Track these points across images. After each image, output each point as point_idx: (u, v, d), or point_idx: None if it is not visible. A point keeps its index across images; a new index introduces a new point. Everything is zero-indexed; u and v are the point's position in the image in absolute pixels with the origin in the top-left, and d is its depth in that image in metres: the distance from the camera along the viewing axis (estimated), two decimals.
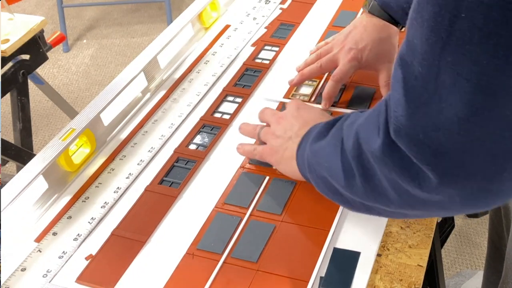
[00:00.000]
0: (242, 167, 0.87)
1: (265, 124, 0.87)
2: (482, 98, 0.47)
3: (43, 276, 0.74)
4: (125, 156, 0.91)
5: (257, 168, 0.87)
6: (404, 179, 0.56)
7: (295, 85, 1.00)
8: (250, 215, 0.80)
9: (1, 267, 0.75)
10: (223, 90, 1.02)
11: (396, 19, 0.95)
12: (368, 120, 0.61)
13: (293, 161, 0.77)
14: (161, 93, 1.03)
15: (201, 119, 0.97)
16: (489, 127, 0.48)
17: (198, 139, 0.93)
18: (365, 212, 0.68)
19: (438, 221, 1.07)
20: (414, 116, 0.52)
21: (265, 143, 0.84)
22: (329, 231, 0.77)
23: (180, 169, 0.88)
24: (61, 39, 1.77)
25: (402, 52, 0.52)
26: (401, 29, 0.97)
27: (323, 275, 0.72)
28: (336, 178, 0.65)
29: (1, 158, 1.65)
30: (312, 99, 0.98)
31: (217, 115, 0.98)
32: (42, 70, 2.59)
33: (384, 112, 0.57)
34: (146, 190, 0.85)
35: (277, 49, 1.11)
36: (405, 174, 0.55)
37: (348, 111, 0.95)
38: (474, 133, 0.49)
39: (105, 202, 0.84)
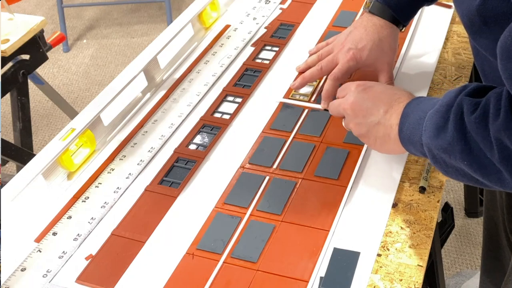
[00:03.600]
0: (242, 167, 0.87)
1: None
2: None
3: (43, 276, 0.74)
4: (125, 156, 0.91)
5: (257, 168, 0.87)
6: None
7: (297, 88, 1.00)
8: (250, 215, 0.80)
9: (1, 267, 0.75)
10: (223, 90, 1.02)
11: (398, 19, 0.95)
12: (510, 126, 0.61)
13: (389, 143, 0.77)
14: (161, 93, 1.03)
15: (201, 119, 0.97)
16: None
17: (198, 139, 0.93)
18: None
19: (438, 221, 1.07)
20: None
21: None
22: (329, 231, 0.77)
23: (180, 169, 0.88)
24: (61, 39, 1.77)
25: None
26: (401, 29, 0.97)
27: (323, 275, 0.72)
28: (478, 173, 0.65)
29: (1, 158, 1.65)
30: (312, 99, 0.98)
31: (217, 115, 0.98)
32: (42, 70, 2.59)
33: None
34: (146, 190, 0.85)
35: (277, 49, 1.11)
36: None
37: None
38: None
39: (105, 202, 0.84)
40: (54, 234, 0.79)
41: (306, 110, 0.96)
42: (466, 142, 0.64)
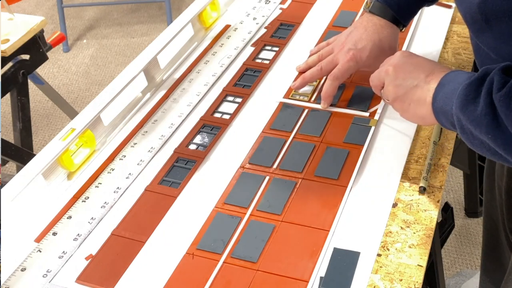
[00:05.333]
0: (242, 167, 0.87)
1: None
2: None
3: (43, 276, 0.74)
4: (125, 156, 0.91)
5: (257, 168, 0.87)
6: None
7: (298, 89, 1.00)
8: (250, 215, 0.80)
9: (1, 267, 0.75)
10: (223, 90, 1.02)
11: (398, 19, 0.95)
12: None
13: (423, 107, 0.77)
14: (161, 93, 1.03)
15: (201, 119, 0.97)
16: None
17: (198, 139, 0.93)
18: None
19: (438, 221, 1.08)
20: None
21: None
22: (329, 231, 0.77)
23: (180, 169, 0.88)
24: (61, 39, 1.77)
25: None
26: (402, 29, 0.97)
27: (323, 275, 0.72)
28: (502, 148, 0.67)
29: (1, 158, 1.65)
30: (312, 99, 0.98)
31: (217, 115, 0.98)
32: (42, 70, 2.59)
33: None
34: (146, 190, 0.85)
35: (277, 49, 1.11)
36: None
37: (348, 111, 0.95)
38: None
39: (105, 202, 0.84)
40: (54, 234, 0.79)
41: (306, 110, 0.96)
42: (494, 117, 0.65)
